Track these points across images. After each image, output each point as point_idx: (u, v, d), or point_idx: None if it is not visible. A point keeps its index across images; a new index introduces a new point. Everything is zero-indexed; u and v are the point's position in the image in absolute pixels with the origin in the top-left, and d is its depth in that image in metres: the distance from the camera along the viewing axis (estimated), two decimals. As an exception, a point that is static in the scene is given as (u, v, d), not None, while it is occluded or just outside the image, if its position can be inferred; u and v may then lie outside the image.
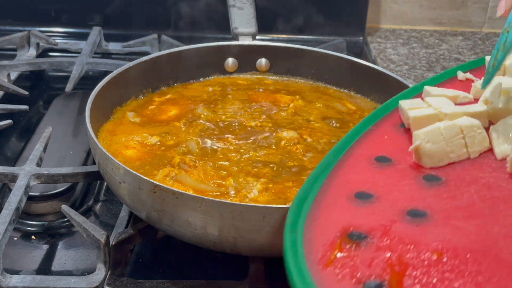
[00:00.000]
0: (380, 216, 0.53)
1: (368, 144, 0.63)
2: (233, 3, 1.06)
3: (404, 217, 0.53)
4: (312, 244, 0.51)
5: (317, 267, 0.49)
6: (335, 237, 0.51)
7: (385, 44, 1.38)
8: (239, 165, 0.77)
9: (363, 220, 0.53)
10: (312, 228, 0.52)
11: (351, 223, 0.52)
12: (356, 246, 0.50)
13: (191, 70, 0.99)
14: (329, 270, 0.48)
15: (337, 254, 0.49)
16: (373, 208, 0.54)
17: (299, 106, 0.92)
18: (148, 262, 0.77)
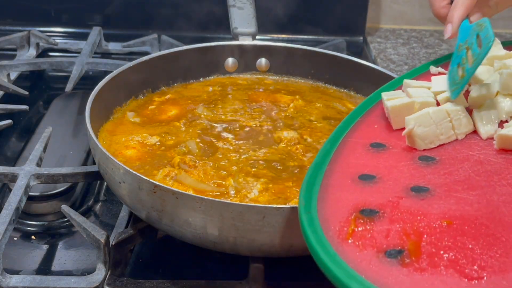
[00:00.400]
0: (386, 193, 0.58)
1: (361, 133, 0.68)
2: (233, 3, 1.06)
3: (408, 193, 0.58)
4: (328, 222, 0.54)
5: (337, 241, 0.52)
6: (349, 214, 0.55)
7: (385, 44, 1.38)
8: (239, 165, 0.77)
9: (372, 198, 0.57)
10: (324, 208, 0.56)
11: (360, 201, 0.57)
12: (370, 220, 0.54)
13: (191, 70, 0.99)
14: (349, 243, 0.52)
15: (354, 228, 0.53)
16: (378, 187, 0.59)
17: (299, 106, 0.92)
18: (148, 262, 0.77)
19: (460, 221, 0.53)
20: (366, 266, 0.49)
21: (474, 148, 0.64)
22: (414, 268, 0.49)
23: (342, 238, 0.53)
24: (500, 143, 0.63)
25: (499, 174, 0.59)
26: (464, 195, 0.56)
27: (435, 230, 0.52)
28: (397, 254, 0.50)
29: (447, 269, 0.48)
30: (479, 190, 0.57)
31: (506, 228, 0.52)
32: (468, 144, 0.65)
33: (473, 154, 0.63)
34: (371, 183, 0.60)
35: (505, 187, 0.57)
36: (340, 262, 0.50)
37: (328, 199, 0.58)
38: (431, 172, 0.61)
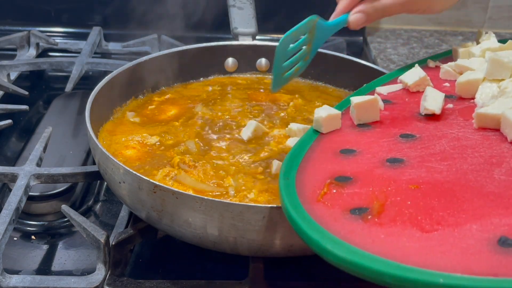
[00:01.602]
0: (362, 164, 0.62)
1: (349, 116, 0.72)
2: (233, 3, 1.06)
3: (383, 163, 0.61)
4: (303, 187, 0.59)
5: (309, 202, 0.57)
6: (324, 180, 0.60)
7: (385, 44, 1.38)
8: (238, 165, 0.77)
9: (348, 167, 0.62)
10: (303, 176, 0.62)
11: (337, 170, 0.61)
12: (342, 185, 0.59)
13: (191, 70, 0.99)
14: (320, 204, 0.57)
15: (326, 191, 0.58)
16: (356, 159, 0.63)
17: (299, 105, 0.92)
18: (148, 262, 0.77)
19: (426, 186, 0.56)
20: (331, 222, 0.53)
21: (454, 127, 0.67)
22: (374, 223, 0.53)
23: (314, 199, 0.57)
24: (478, 122, 0.65)
25: (473, 148, 0.62)
26: (436, 165, 0.60)
27: (401, 193, 0.56)
28: (361, 211, 0.54)
29: (405, 223, 0.52)
30: (451, 160, 0.60)
31: (469, 191, 0.55)
32: (449, 124, 0.68)
33: (452, 132, 0.66)
34: (350, 155, 0.64)
35: (476, 158, 0.60)
36: (308, 219, 0.54)
37: (308, 169, 0.63)
38: (409, 146, 0.64)
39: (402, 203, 0.54)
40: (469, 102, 0.72)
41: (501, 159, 0.60)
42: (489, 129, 0.65)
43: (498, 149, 0.61)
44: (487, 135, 0.64)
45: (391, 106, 0.74)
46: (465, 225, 0.51)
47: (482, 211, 0.52)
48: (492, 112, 0.65)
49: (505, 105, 0.65)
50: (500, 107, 0.65)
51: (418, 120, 0.70)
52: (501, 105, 0.66)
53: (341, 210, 0.55)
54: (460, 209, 0.53)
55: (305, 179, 0.61)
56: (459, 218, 0.52)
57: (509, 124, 0.63)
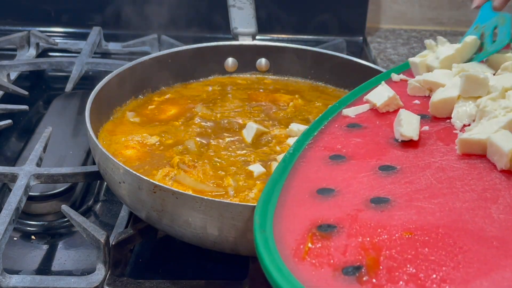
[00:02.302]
0: (344, 207, 0.55)
1: (320, 145, 0.66)
2: (233, 3, 1.06)
3: (368, 205, 0.55)
4: (283, 241, 0.52)
5: (293, 261, 0.50)
6: (305, 231, 0.53)
7: (385, 44, 1.38)
8: (237, 165, 0.77)
9: (329, 212, 0.55)
10: (280, 225, 0.54)
11: (318, 216, 0.54)
12: (327, 236, 0.52)
13: (191, 70, 0.99)
14: (305, 262, 0.50)
15: (310, 246, 0.51)
16: (336, 201, 0.56)
17: (299, 105, 0.92)
18: (148, 262, 0.77)
19: (421, 232, 0.51)
20: (322, 286, 0.47)
21: (436, 154, 0.62)
22: (373, 285, 0.46)
23: (298, 257, 0.50)
24: (462, 148, 0.61)
25: (461, 180, 0.57)
26: (426, 204, 0.54)
27: (395, 243, 0.50)
28: (354, 271, 0.48)
29: (407, 284, 0.46)
30: (441, 198, 0.55)
31: (469, 236, 0.50)
32: (429, 150, 0.63)
33: (435, 160, 0.61)
34: (329, 197, 0.57)
35: (468, 193, 0.55)
36: (294, 283, 0.47)
37: (284, 216, 0.55)
38: (392, 181, 0.58)
39: (398, 256, 0.49)
40: (445, 123, 0.68)
41: (495, 193, 0.55)
42: (474, 155, 0.61)
43: (489, 180, 0.57)
44: (473, 163, 0.60)
45: (363, 132, 0.68)
46: (474, 283, 0.45)
47: (489, 263, 0.47)
48: (476, 138, 0.60)
49: (490, 129, 0.61)
50: (484, 131, 0.61)
51: (395, 148, 0.64)
52: (485, 129, 0.61)
53: (332, 269, 0.48)
54: (464, 261, 0.47)
55: (284, 229, 0.54)
56: (465, 274, 0.46)
57: (498, 151, 0.58)
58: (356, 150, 0.64)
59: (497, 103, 0.64)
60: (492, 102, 0.65)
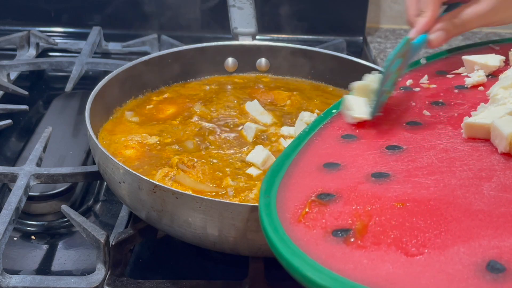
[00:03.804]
0: (346, 179, 0.58)
1: (335, 126, 0.69)
2: (233, 3, 1.06)
3: (368, 178, 0.58)
4: (284, 206, 0.56)
5: (290, 223, 0.53)
6: (306, 198, 0.56)
7: (385, 44, 1.38)
8: (237, 164, 0.77)
9: (331, 184, 0.58)
10: (284, 193, 0.58)
11: (320, 186, 0.57)
12: (324, 203, 0.55)
13: (191, 70, 0.99)
14: (300, 224, 0.53)
15: (307, 211, 0.54)
16: (340, 174, 0.60)
17: (296, 102, 0.92)
18: (148, 262, 0.77)
19: (413, 203, 0.53)
20: (312, 246, 0.50)
21: (443, 137, 0.64)
22: (357, 246, 0.49)
23: (295, 219, 0.54)
24: (467, 132, 0.63)
25: (462, 160, 0.59)
26: (423, 180, 0.57)
27: (386, 212, 0.53)
28: (343, 233, 0.51)
29: (389, 246, 0.49)
30: (438, 175, 0.57)
31: (456, 209, 0.52)
32: (438, 134, 0.65)
33: (440, 142, 0.63)
34: (334, 170, 0.60)
35: (465, 171, 0.57)
36: (287, 241, 0.51)
37: (290, 185, 0.59)
38: (396, 159, 0.61)
39: (387, 223, 0.51)
40: (459, 109, 0.69)
41: (491, 172, 0.57)
42: (479, 139, 0.62)
43: (488, 162, 0.59)
44: (476, 146, 0.62)
45: (377, 115, 0.70)
46: (452, 248, 0.48)
47: (470, 232, 0.50)
48: (481, 122, 0.62)
49: (495, 114, 0.63)
50: (489, 116, 0.63)
51: (405, 130, 0.67)
52: (491, 114, 0.63)
53: (323, 231, 0.51)
54: (447, 229, 0.50)
55: (287, 196, 0.57)
56: (445, 240, 0.49)
57: (499, 135, 0.60)
58: (368, 131, 0.67)
59: (508, 91, 0.66)
60: (503, 90, 0.66)
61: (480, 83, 0.74)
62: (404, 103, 0.72)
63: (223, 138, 0.82)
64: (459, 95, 0.73)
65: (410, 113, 0.70)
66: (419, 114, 0.70)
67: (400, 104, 0.72)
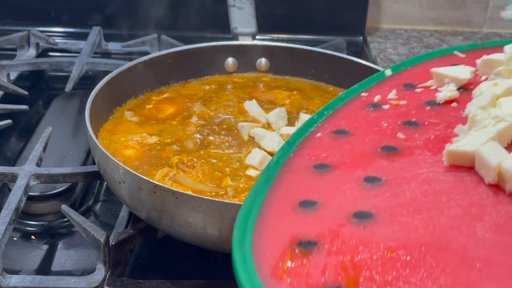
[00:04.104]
0: (327, 221, 0.53)
1: (305, 153, 0.63)
2: (233, 3, 1.06)
3: (350, 220, 0.52)
4: (262, 257, 0.50)
5: (271, 280, 0.48)
6: (285, 247, 0.50)
7: (385, 44, 1.38)
8: (236, 164, 0.77)
9: (311, 227, 0.52)
10: (260, 241, 0.52)
11: (299, 231, 0.52)
12: (307, 254, 0.49)
13: (190, 70, 0.99)
14: (283, 282, 0.48)
15: (289, 264, 0.49)
16: (318, 214, 0.54)
17: (296, 102, 0.92)
18: (148, 262, 0.77)
19: (403, 251, 0.48)
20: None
21: (423, 165, 0.59)
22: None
23: (276, 276, 0.48)
24: (449, 160, 0.58)
25: (447, 194, 0.55)
26: (409, 220, 0.52)
27: (376, 263, 0.48)
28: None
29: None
30: (426, 213, 0.53)
31: (452, 256, 0.47)
32: (416, 161, 0.60)
33: (421, 172, 0.58)
34: (311, 210, 0.54)
35: (453, 208, 0.53)
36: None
37: (265, 231, 0.53)
38: (376, 194, 0.55)
39: (379, 278, 0.47)
40: (435, 130, 0.64)
41: (481, 209, 0.52)
42: (462, 167, 0.58)
43: (476, 195, 0.54)
44: (460, 175, 0.57)
45: (349, 139, 0.65)
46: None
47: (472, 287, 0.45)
48: (464, 150, 0.57)
49: (478, 141, 0.58)
50: (472, 142, 0.58)
51: (381, 157, 0.61)
52: (473, 140, 0.58)
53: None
54: (446, 285, 0.45)
55: (263, 244, 0.51)
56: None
57: (485, 165, 0.55)
58: (342, 159, 0.61)
59: (487, 112, 0.61)
60: (482, 111, 0.62)
61: (453, 98, 0.69)
62: (375, 124, 0.67)
63: (222, 138, 0.82)
64: (432, 112, 0.68)
65: (383, 136, 0.65)
66: (393, 137, 0.64)
67: (371, 125, 0.67)
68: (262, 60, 1.02)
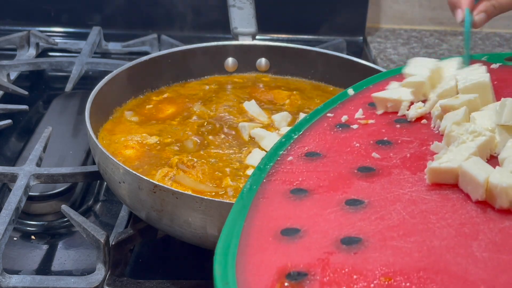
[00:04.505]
0: (313, 250, 0.50)
1: (279, 178, 0.60)
2: (233, 3, 1.06)
3: (339, 246, 0.50)
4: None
5: None
6: (273, 281, 0.47)
7: (385, 44, 1.38)
8: (236, 164, 0.77)
9: (298, 258, 0.49)
10: (244, 275, 0.48)
11: (286, 263, 0.48)
12: (298, 286, 0.46)
13: (191, 70, 0.99)
14: None
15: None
16: (303, 242, 0.51)
17: (296, 101, 0.92)
18: (148, 262, 0.77)
19: (401, 277, 0.46)
20: None
21: (405, 185, 0.57)
22: None
23: None
24: (431, 178, 0.56)
25: (435, 214, 0.53)
26: (401, 243, 0.49)
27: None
28: None
29: None
30: (417, 235, 0.50)
31: (453, 279, 0.45)
32: (397, 181, 0.58)
33: (404, 192, 0.56)
34: (295, 238, 0.51)
35: (444, 228, 0.51)
36: None
37: (248, 264, 0.49)
38: (361, 218, 0.53)
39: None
40: (409, 149, 0.63)
41: (474, 227, 0.50)
42: (444, 185, 0.56)
43: (465, 213, 0.52)
44: (445, 193, 0.55)
45: (323, 161, 0.62)
46: None
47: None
48: (447, 166, 0.55)
49: (460, 156, 0.56)
50: (454, 158, 0.56)
51: (359, 178, 0.59)
52: (455, 156, 0.56)
53: None
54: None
55: (249, 280, 0.47)
56: None
57: (472, 181, 0.53)
58: (318, 182, 0.59)
59: (462, 127, 0.60)
60: (457, 126, 0.61)
61: (422, 114, 0.68)
62: (346, 144, 0.65)
63: (222, 138, 0.82)
64: (403, 130, 0.66)
65: (357, 156, 0.62)
66: (367, 156, 0.62)
67: (343, 145, 0.65)
68: (262, 60, 1.02)
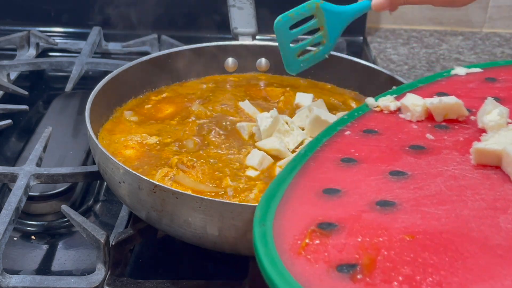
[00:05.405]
0: (349, 207, 0.54)
1: (333, 149, 0.65)
2: (233, 3, 1.06)
3: (373, 207, 0.54)
4: (282, 236, 0.51)
5: (288, 255, 0.49)
6: (305, 227, 0.52)
7: (385, 44, 1.38)
8: (237, 164, 0.77)
9: (332, 212, 0.54)
10: (281, 221, 0.53)
11: (320, 215, 0.53)
12: (326, 234, 0.51)
13: (191, 70, 0.99)
14: (301, 257, 0.49)
15: (308, 242, 0.50)
16: (341, 201, 0.56)
17: (289, 98, 0.92)
18: (148, 262, 0.77)
19: (423, 236, 0.49)
20: (314, 282, 0.46)
21: (450, 163, 0.60)
22: (366, 284, 0.45)
23: (294, 251, 0.49)
24: (477, 158, 0.59)
25: (472, 189, 0.55)
26: (432, 210, 0.53)
27: (395, 245, 0.49)
28: (349, 269, 0.47)
29: (401, 285, 0.45)
30: (449, 204, 0.53)
31: (472, 243, 0.48)
32: (444, 159, 0.61)
33: (448, 169, 0.59)
34: (335, 197, 0.56)
35: (477, 202, 0.54)
36: (287, 277, 0.47)
37: (286, 213, 0.55)
38: (401, 186, 0.57)
39: (397, 258, 0.47)
40: (464, 133, 0.66)
41: (506, 203, 0.53)
42: (489, 166, 0.59)
43: (501, 191, 0.55)
44: (487, 173, 0.58)
45: (378, 138, 0.67)
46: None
47: (491, 270, 0.45)
48: (492, 148, 0.58)
49: (506, 140, 0.59)
50: (500, 141, 0.59)
51: (408, 154, 0.63)
52: (501, 139, 0.59)
53: (326, 266, 0.47)
54: (465, 267, 0.46)
55: (284, 225, 0.53)
56: (464, 279, 0.45)
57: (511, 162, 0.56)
58: (369, 154, 0.63)
59: (495, 116, 0.63)
60: (488, 116, 0.64)
61: None
62: (405, 126, 0.69)
63: (222, 137, 0.82)
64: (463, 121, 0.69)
65: (412, 136, 0.66)
66: (421, 137, 0.66)
67: (401, 126, 0.69)
68: (262, 60, 1.02)
